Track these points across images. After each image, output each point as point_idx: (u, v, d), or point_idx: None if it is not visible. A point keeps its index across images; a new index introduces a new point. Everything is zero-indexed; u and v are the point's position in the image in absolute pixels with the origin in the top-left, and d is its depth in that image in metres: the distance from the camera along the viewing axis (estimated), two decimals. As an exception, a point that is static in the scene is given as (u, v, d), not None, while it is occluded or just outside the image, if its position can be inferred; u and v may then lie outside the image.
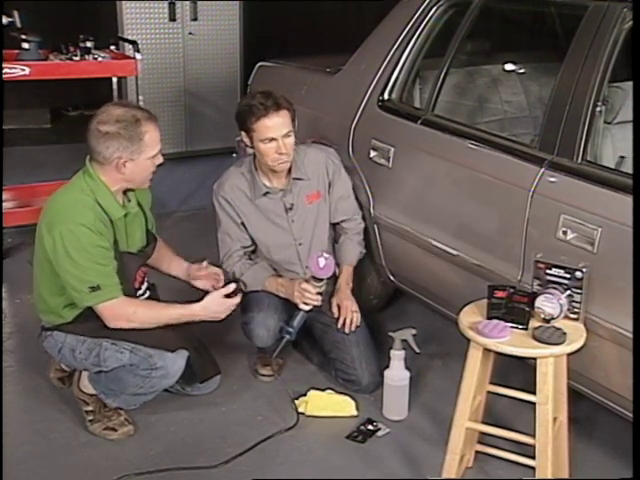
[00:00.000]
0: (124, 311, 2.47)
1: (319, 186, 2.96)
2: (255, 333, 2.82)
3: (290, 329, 2.73)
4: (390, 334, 2.75)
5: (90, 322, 2.51)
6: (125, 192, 2.57)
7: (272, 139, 2.72)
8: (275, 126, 2.72)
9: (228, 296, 2.61)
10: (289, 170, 2.88)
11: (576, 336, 2.19)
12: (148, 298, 2.72)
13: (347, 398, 2.80)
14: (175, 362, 2.50)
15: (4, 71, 3.66)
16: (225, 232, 2.92)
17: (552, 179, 2.39)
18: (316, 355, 3.05)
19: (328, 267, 2.60)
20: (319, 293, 2.70)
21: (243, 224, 2.92)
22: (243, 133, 2.81)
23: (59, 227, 2.38)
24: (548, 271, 2.28)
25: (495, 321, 2.20)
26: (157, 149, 2.48)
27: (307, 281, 2.70)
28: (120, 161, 2.41)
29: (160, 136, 2.50)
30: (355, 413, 2.76)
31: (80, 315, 2.53)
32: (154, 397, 2.63)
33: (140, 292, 2.68)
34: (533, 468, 2.22)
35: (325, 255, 2.60)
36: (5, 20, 3.80)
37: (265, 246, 2.94)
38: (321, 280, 2.65)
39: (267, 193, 2.88)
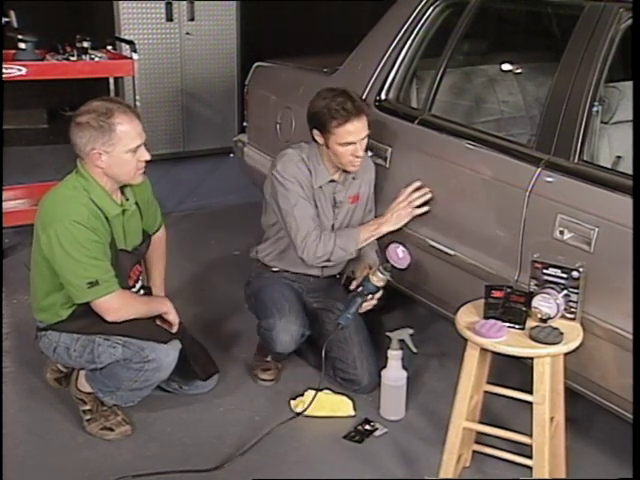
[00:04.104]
0: (122, 304, 2.48)
1: (360, 190, 2.95)
2: (279, 340, 2.77)
3: (348, 315, 2.71)
4: (387, 334, 2.76)
5: (83, 319, 2.51)
6: (122, 190, 2.56)
7: (351, 143, 2.73)
8: (356, 131, 2.72)
9: (164, 321, 2.66)
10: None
11: (573, 336, 2.19)
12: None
13: (344, 398, 2.80)
14: (168, 354, 2.49)
15: (1, 71, 3.65)
16: (302, 210, 2.78)
17: (549, 179, 2.40)
18: (313, 356, 3.05)
19: (405, 258, 2.69)
20: (383, 287, 2.75)
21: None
22: (316, 131, 2.78)
23: (54, 225, 2.38)
24: (545, 271, 2.28)
25: (492, 321, 2.20)
26: (135, 143, 2.43)
27: (373, 273, 2.72)
28: (93, 152, 2.39)
29: (141, 131, 2.45)
30: (352, 413, 2.76)
31: (73, 313, 2.54)
32: (151, 395, 2.63)
33: (134, 290, 2.68)
34: (530, 468, 2.23)
35: (402, 248, 2.66)
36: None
37: None
38: (393, 269, 2.71)
39: (331, 181, 2.86)
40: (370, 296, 2.75)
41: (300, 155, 2.84)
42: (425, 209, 2.82)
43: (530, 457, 2.22)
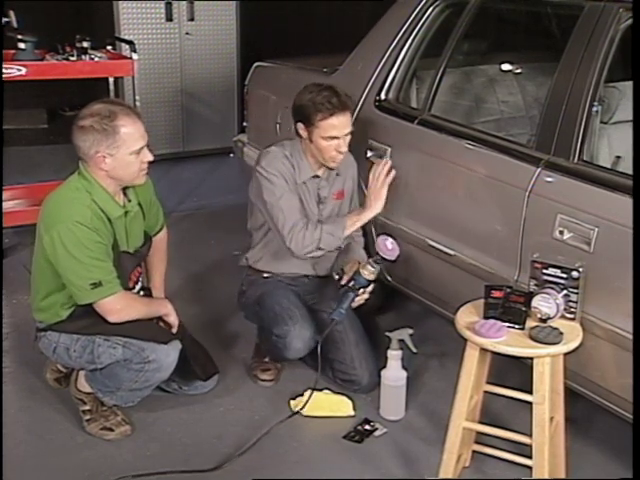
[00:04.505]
0: (124, 305, 2.48)
1: (345, 186, 2.97)
2: (293, 346, 2.75)
3: (341, 310, 2.71)
4: (387, 334, 2.75)
5: (82, 320, 2.51)
6: (125, 191, 2.56)
7: (334, 137, 2.74)
8: (340, 125, 2.73)
9: (164, 322, 2.67)
10: None
11: (572, 336, 2.19)
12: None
13: (344, 398, 2.80)
14: (168, 355, 2.49)
15: (0, 71, 3.65)
16: (287, 202, 2.78)
17: (549, 179, 2.40)
18: (312, 357, 3.04)
19: (394, 249, 2.69)
20: (374, 280, 2.74)
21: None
22: (300, 125, 2.79)
23: (57, 226, 2.38)
24: (545, 271, 2.28)
25: (492, 321, 2.20)
26: (138, 145, 2.43)
27: (363, 267, 2.72)
28: (97, 155, 2.39)
29: (144, 132, 2.45)
30: (352, 413, 2.76)
31: (73, 313, 2.54)
32: (151, 396, 2.63)
33: (134, 291, 2.68)
34: (530, 468, 2.23)
35: (390, 240, 2.68)
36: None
37: None
38: (383, 261, 2.72)
39: (315, 177, 2.87)
40: (362, 290, 2.75)
41: (283, 152, 2.86)
42: (392, 175, 2.81)
43: (530, 457, 2.22)
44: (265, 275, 2.99)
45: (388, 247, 2.68)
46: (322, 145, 2.76)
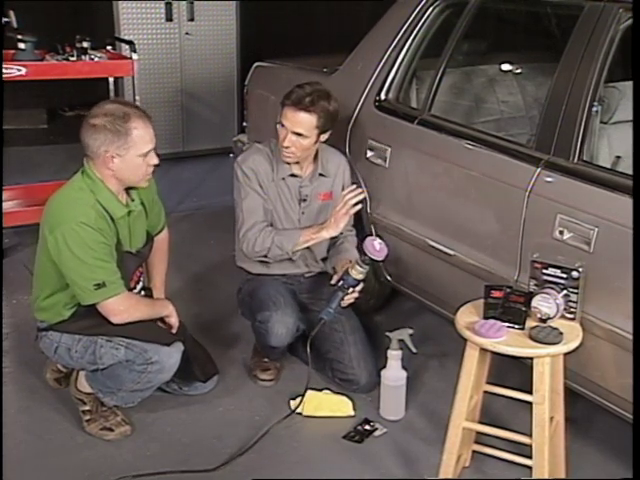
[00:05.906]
0: (128, 306, 2.48)
1: (333, 187, 2.97)
2: (274, 331, 2.76)
3: (330, 310, 2.73)
4: (387, 334, 2.76)
5: (84, 320, 2.51)
6: (128, 190, 2.56)
7: (283, 125, 2.77)
8: (293, 119, 2.75)
9: (164, 323, 2.67)
10: (314, 161, 2.92)
11: (572, 336, 2.19)
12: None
13: (344, 398, 2.80)
14: (170, 356, 2.50)
15: (0, 71, 3.65)
16: (250, 204, 2.88)
17: (548, 179, 2.40)
18: (312, 357, 3.04)
19: (382, 250, 2.69)
20: (362, 280, 2.74)
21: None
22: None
23: (61, 227, 2.38)
24: (545, 271, 2.28)
25: (492, 321, 2.20)
26: (147, 147, 2.45)
27: (352, 267, 2.72)
28: (106, 155, 2.40)
29: (153, 135, 2.47)
30: (352, 413, 2.76)
31: (75, 313, 2.54)
32: (150, 396, 2.63)
33: (135, 292, 2.68)
34: (530, 468, 2.23)
35: (378, 240, 2.69)
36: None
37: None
38: (372, 262, 2.72)
39: (291, 175, 2.89)
40: (351, 290, 2.75)
41: (265, 148, 2.91)
42: (358, 207, 2.84)
43: (530, 457, 2.22)
44: (259, 273, 3.00)
45: (376, 248, 2.68)
46: (278, 128, 2.80)
